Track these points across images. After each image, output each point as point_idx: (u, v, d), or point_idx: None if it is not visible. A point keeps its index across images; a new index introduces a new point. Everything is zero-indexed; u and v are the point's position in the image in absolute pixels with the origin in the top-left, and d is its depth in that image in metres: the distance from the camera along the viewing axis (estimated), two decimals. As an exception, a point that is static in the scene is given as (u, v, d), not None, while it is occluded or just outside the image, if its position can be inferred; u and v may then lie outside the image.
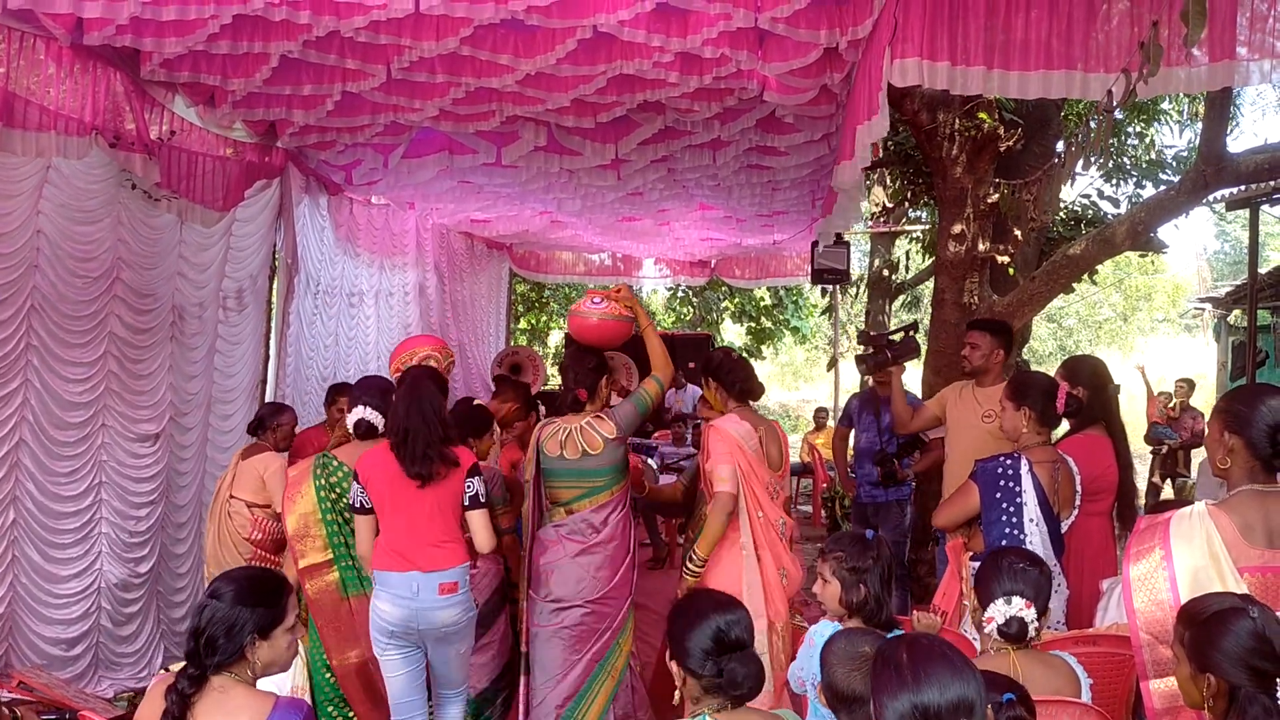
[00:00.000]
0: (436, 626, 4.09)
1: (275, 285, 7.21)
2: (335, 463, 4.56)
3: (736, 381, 4.63)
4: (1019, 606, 2.94)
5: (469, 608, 4.20)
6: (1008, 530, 3.74)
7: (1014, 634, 2.94)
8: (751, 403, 4.76)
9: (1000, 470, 3.83)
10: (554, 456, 4.57)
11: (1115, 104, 3.31)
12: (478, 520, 4.13)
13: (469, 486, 4.11)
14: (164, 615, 6.12)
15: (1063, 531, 3.89)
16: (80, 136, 4.51)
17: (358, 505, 4.19)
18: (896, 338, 5.76)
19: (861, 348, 5.68)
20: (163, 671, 3.21)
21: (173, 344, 6.06)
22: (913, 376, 7.05)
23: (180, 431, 6.21)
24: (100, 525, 5.63)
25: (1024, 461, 3.82)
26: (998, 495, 3.80)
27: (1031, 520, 3.73)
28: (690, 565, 4.47)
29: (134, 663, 5.80)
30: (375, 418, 4.46)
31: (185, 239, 6.03)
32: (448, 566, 4.09)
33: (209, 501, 6.50)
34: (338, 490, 4.50)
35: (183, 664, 2.62)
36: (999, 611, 2.95)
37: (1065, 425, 4.54)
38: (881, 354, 5.41)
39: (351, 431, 4.53)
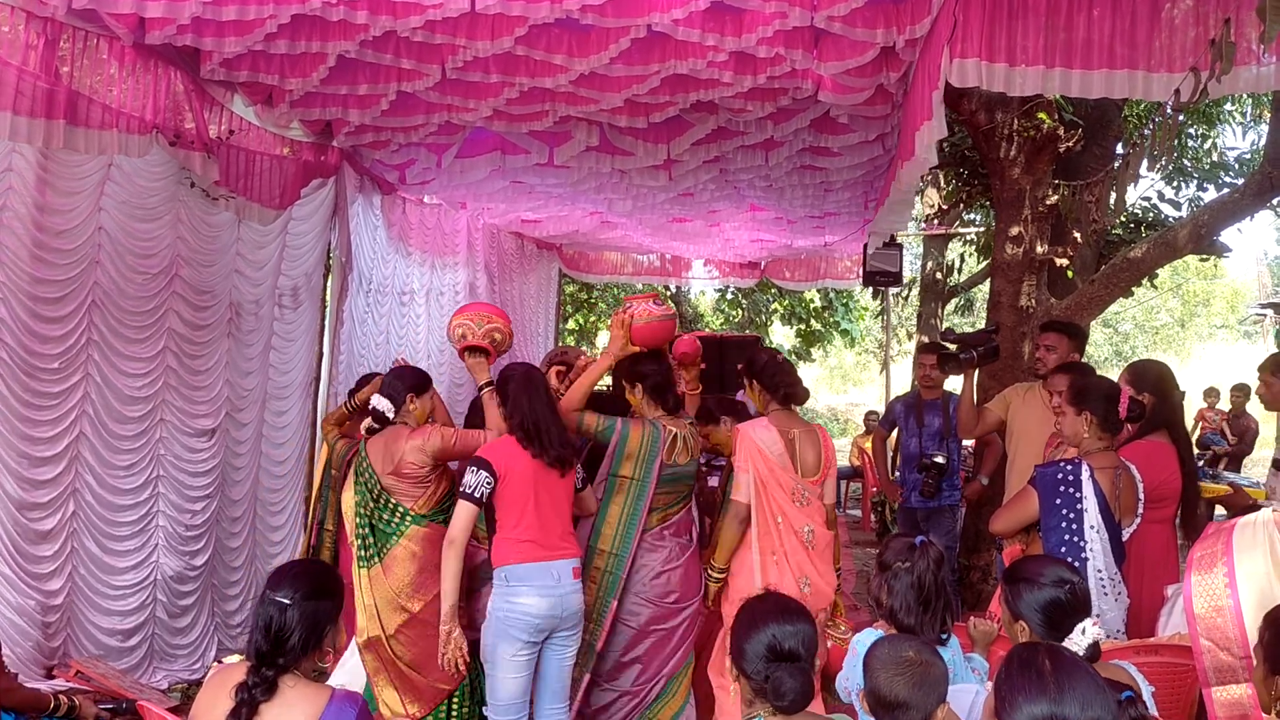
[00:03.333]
0: (575, 613, 4.16)
1: (329, 283, 7.28)
2: (363, 450, 4.50)
3: (781, 385, 4.48)
4: (1093, 634, 2.82)
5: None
6: (1067, 537, 3.66)
7: (1092, 657, 2.84)
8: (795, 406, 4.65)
9: (1060, 476, 3.75)
10: (668, 464, 4.56)
11: (1185, 103, 3.23)
12: (588, 495, 4.44)
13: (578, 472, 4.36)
14: (218, 608, 6.20)
15: (1124, 539, 3.81)
16: (141, 135, 4.58)
17: (477, 495, 4.06)
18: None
19: (947, 344, 5.59)
20: (218, 664, 3.26)
21: (229, 340, 6.14)
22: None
23: (236, 427, 6.29)
24: (157, 518, 5.72)
25: (1085, 467, 3.73)
26: (1057, 501, 3.72)
27: (1092, 527, 3.65)
28: (710, 573, 4.48)
29: (188, 655, 5.88)
30: (385, 405, 4.45)
31: (242, 237, 6.11)
32: (575, 555, 4.23)
33: (263, 497, 6.61)
34: (364, 475, 4.46)
35: (245, 663, 2.63)
36: (1078, 644, 2.79)
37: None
38: (968, 353, 5.34)
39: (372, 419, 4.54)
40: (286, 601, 2.63)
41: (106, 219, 5.13)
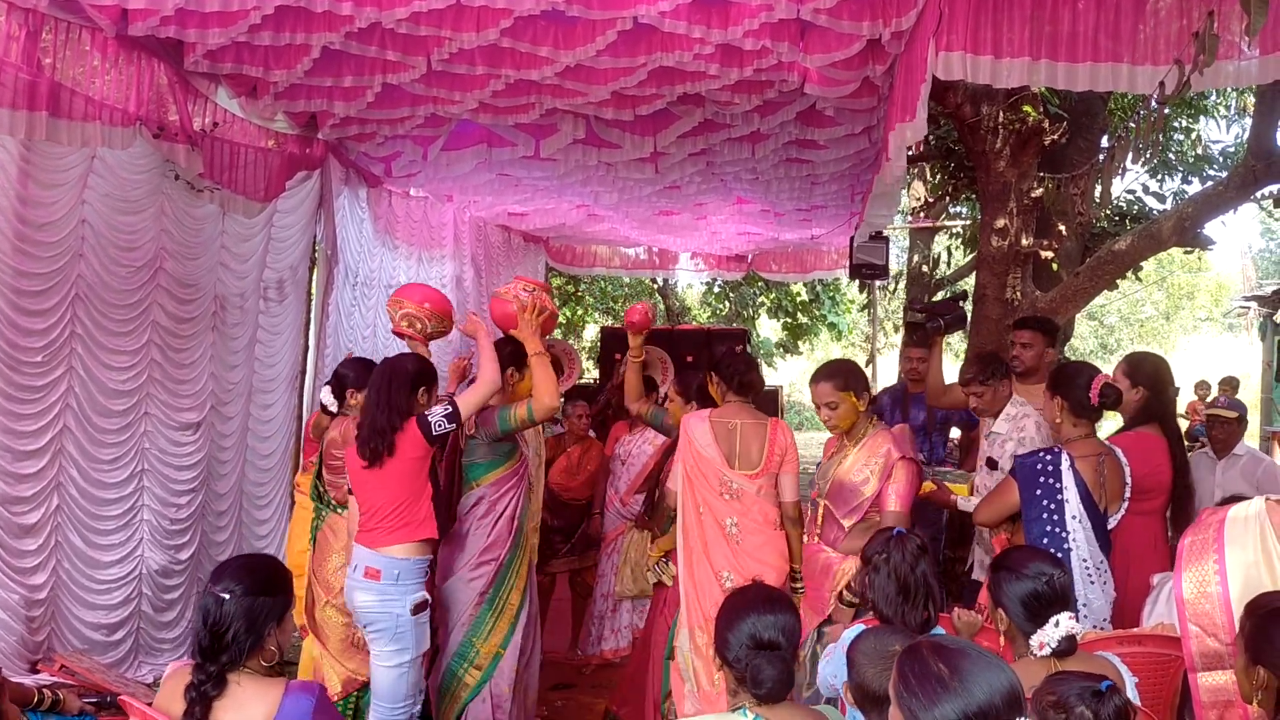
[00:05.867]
0: (357, 609, 3.98)
1: (315, 276, 7.26)
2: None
3: (735, 374, 4.52)
4: (1067, 627, 2.79)
5: (390, 602, 3.93)
6: (1049, 528, 3.67)
7: (1066, 650, 2.81)
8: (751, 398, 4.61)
9: (1040, 466, 3.76)
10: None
11: (1168, 96, 3.24)
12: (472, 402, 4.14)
13: (433, 426, 3.95)
14: (203, 602, 6.18)
15: (1110, 527, 3.81)
16: (125, 127, 4.55)
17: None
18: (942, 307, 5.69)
19: (914, 314, 5.61)
20: (175, 663, 3.22)
21: (214, 333, 6.12)
22: (949, 371, 6.98)
23: (221, 420, 6.27)
24: (142, 512, 5.69)
25: (1065, 457, 3.74)
26: (1038, 492, 3.72)
27: (1074, 517, 3.66)
28: (656, 566, 4.56)
29: (174, 649, 5.86)
30: (327, 397, 4.71)
31: (227, 230, 6.08)
32: (377, 546, 3.96)
33: (248, 490, 6.58)
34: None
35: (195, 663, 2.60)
36: (1049, 637, 2.78)
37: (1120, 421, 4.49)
38: (934, 321, 5.35)
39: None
40: (225, 596, 2.58)
41: (90, 212, 5.10)
